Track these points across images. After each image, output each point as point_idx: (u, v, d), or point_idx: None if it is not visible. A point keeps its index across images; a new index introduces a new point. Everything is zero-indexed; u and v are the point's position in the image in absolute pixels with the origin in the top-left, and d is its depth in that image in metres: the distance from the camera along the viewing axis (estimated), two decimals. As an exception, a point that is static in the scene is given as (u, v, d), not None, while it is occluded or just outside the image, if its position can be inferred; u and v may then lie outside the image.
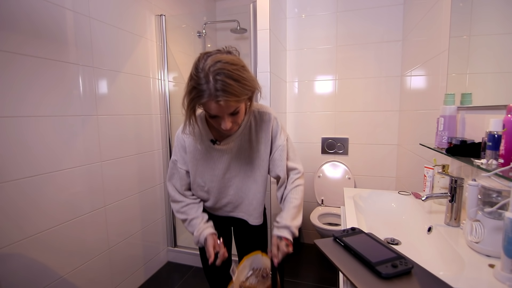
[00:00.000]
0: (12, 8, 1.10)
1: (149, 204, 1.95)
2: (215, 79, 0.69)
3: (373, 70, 2.13)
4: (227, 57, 0.73)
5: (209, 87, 0.70)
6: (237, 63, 0.73)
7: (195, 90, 0.72)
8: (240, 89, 0.72)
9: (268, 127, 0.95)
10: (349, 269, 0.64)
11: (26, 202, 1.17)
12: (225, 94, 0.70)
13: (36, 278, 1.21)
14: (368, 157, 2.22)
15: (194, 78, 0.72)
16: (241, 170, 0.99)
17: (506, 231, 0.59)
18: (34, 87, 1.19)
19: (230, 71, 0.70)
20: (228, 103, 0.72)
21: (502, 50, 0.93)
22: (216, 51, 0.77)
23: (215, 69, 0.70)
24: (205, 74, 0.70)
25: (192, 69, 0.74)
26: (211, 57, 0.73)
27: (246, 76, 0.74)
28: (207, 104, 0.73)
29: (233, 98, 0.72)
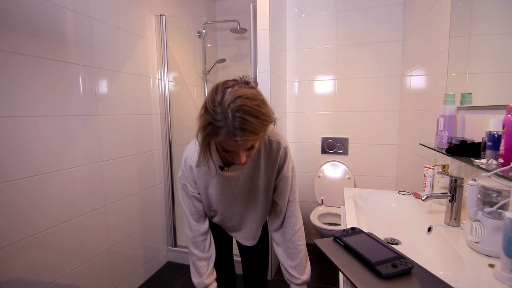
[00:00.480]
0: (11, 8, 1.10)
1: (149, 204, 1.95)
2: (234, 116, 0.64)
3: (373, 70, 2.13)
4: (247, 92, 0.67)
5: (227, 124, 0.64)
6: (257, 97, 0.68)
7: (211, 126, 0.66)
8: (259, 126, 0.67)
9: (277, 155, 0.92)
10: (349, 269, 0.64)
11: (26, 202, 1.17)
12: (244, 132, 0.65)
13: (36, 278, 1.21)
14: (368, 157, 2.22)
15: (211, 112, 0.65)
16: (247, 197, 0.97)
17: (506, 231, 0.59)
18: (34, 87, 1.19)
19: (251, 107, 0.65)
20: (246, 141, 0.67)
21: (502, 50, 0.93)
22: (233, 81, 0.73)
23: (235, 106, 0.64)
24: (223, 109, 0.64)
25: (208, 101, 0.68)
26: (230, 90, 0.67)
27: (265, 111, 0.69)
28: (224, 142, 0.69)
29: (252, 136, 0.67)
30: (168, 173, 2.10)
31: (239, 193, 0.95)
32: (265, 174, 0.93)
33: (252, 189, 0.95)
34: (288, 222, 1.01)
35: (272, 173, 0.94)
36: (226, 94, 0.66)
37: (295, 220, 1.01)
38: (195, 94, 2.50)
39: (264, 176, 0.94)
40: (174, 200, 2.15)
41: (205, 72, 2.59)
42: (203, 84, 2.61)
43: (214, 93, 0.68)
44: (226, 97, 0.65)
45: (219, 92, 0.67)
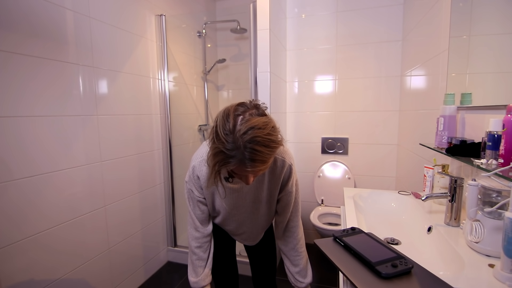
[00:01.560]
0: (11, 8, 1.10)
1: (149, 204, 1.95)
2: (245, 147, 0.65)
3: (373, 70, 2.13)
4: (258, 122, 0.67)
5: (238, 154, 0.66)
6: (267, 126, 0.69)
7: (223, 154, 0.67)
8: (269, 154, 0.69)
9: (281, 172, 0.93)
10: (349, 269, 0.64)
11: (26, 202, 1.17)
12: (255, 162, 0.67)
13: (36, 278, 1.21)
14: (368, 157, 2.22)
15: (222, 141, 0.66)
16: (248, 208, 0.99)
17: (506, 231, 0.59)
18: (34, 87, 1.19)
19: (262, 137, 0.66)
20: (257, 170, 0.70)
21: (502, 50, 0.93)
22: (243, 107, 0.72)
23: (247, 137, 0.65)
24: (234, 139, 0.66)
25: (219, 128, 0.68)
26: (242, 119, 0.67)
27: (274, 138, 0.70)
28: (235, 169, 0.71)
29: (262, 166, 0.69)
30: (168, 173, 2.10)
31: (241, 203, 0.97)
32: (268, 188, 0.95)
33: (254, 200, 0.97)
34: (292, 232, 1.05)
35: (275, 187, 0.96)
36: (238, 123, 0.67)
37: (298, 230, 1.06)
38: (195, 94, 2.50)
39: (267, 189, 0.96)
40: (174, 200, 2.15)
41: (205, 72, 2.59)
42: (203, 84, 2.61)
43: (225, 120, 0.68)
44: (238, 127, 0.66)
45: (231, 120, 0.67)
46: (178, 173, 2.19)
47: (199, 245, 1.01)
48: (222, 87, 2.88)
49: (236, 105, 0.73)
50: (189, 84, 2.41)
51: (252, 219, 1.03)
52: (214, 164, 0.71)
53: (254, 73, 1.77)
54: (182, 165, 2.28)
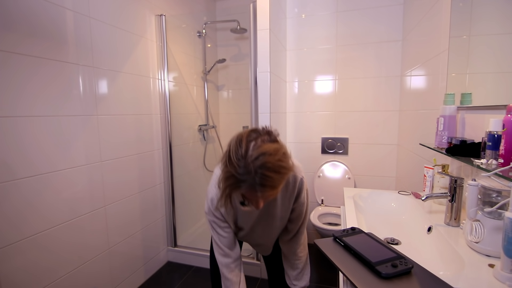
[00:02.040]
0: (10, 8, 1.10)
1: (149, 204, 1.95)
2: (256, 172, 0.67)
3: (373, 70, 2.13)
4: (270, 148, 0.70)
5: (249, 179, 0.68)
6: (279, 152, 0.71)
7: (234, 178, 0.70)
8: (279, 180, 0.71)
9: (294, 187, 0.95)
10: (349, 269, 0.64)
11: (26, 203, 1.17)
12: (265, 188, 0.69)
13: (36, 278, 1.21)
14: (368, 157, 2.22)
15: (234, 166, 0.69)
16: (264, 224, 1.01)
17: (506, 231, 0.59)
18: (34, 87, 1.19)
19: (273, 163, 0.68)
20: (267, 195, 0.72)
21: (502, 50, 0.93)
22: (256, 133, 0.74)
23: (258, 163, 0.67)
24: (246, 164, 0.68)
25: (232, 153, 0.70)
26: (254, 145, 0.70)
27: (285, 164, 0.72)
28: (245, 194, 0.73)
29: (272, 191, 0.71)
30: (168, 173, 2.10)
31: (256, 222, 0.99)
32: (282, 204, 0.97)
33: (268, 217, 0.99)
34: (298, 238, 1.06)
35: (289, 203, 0.98)
36: (250, 149, 0.69)
37: (302, 236, 1.07)
38: (195, 94, 2.50)
39: (281, 206, 0.97)
40: (174, 200, 2.15)
41: (205, 72, 2.59)
42: (203, 84, 2.61)
43: (238, 145, 0.71)
44: (249, 153, 0.69)
45: (243, 146, 0.70)
46: (178, 173, 2.19)
47: (230, 270, 1.00)
48: (222, 87, 2.88)
49: (249, 131, 0.75)
50: (189, 84, 2.41)
51: (267, 234, 1.05)
52: (225, 188, 0.73)
53: (254, 73, 1.77)
54: (182, 165, 2.28)
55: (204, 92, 2.62)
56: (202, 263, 2.10)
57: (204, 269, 2.07)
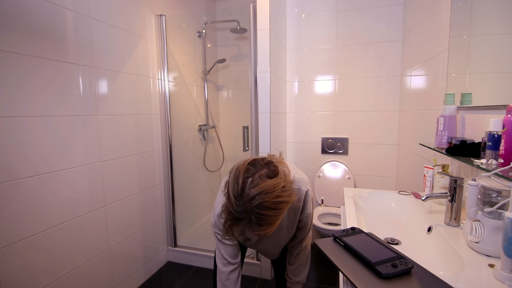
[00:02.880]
0: (10, 8, 1.10)
1: (149, 204, 1.95)
2: (253, 212, 0.69)
3: (373, 70, 2.13)
4: (267, 185, 0.69)
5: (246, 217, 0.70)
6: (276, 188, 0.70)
7: (232, 215, 0.72)
8: (276, 216, 0.71)
9: (299, 201, 0.95)
10: (349, 269, 0.64)
11: (25, 203, 1.17)
12: (262, 226, 0.71)
13: (36, 278, 1.21)
14: (368, 157, 2.22)
15: (231, 202, 0.71)
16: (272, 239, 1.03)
17: (506, 231, 0.59)
18: (33, 87, 1.19)
19: (270, 202, 0.69)
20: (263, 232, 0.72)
21: (502, 50, 0.93)
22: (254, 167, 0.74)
23: (255, 204, 0.68)
24: (243, 203, 0.69)
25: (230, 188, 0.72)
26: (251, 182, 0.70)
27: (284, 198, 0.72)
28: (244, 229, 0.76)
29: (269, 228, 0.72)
30: (168, 173, 2.10)
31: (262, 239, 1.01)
32: (288, 218, 0.97)
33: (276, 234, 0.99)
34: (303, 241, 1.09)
35: (295, 215, 0.98)
36: (246, 188, 0.69)
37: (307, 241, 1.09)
38: (195, 94, 2.50)
39: (287, 219, 0.98)
40: (174, 200, 2.15)
41: (205, 72, 2.59)
42: (203, 84, 2.61)
43: (235, 181, 0.71)
44: (246, 191, 0.69)
45: (240, 183, 0.70)
46: (178, 173, 2.19)
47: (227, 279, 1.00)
48: (222, 87, 2.88)
49: (248, 164, 0.75)
50: (189, 84, 2.41)
51: (274, 244, 1.07)
52: (226, 221, 0.75)
53: (254, 73, 1.77)
54: (182, 165, 2.28)
55: (204, 92, 2.62)
56: (202, 263, 2.10)
57: (204, 269, 2.07)
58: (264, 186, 0.69)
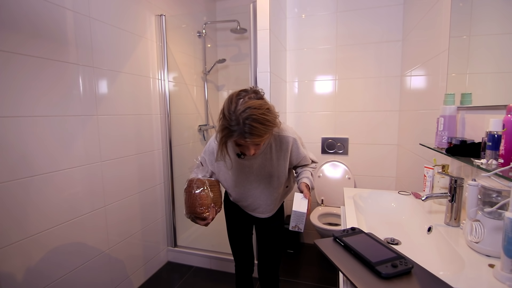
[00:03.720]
0: (11, 8, 1.10)
1: (149, 204, 1.95)
2: (244, 123, 0.83)
3: (373, 70, 2.13)
4: (255, 103, 0.86)
5: (239, 129, 0.84)
6: (262, 107, 0.87)
7: (227, 129, 0.86)
8: (263, 130, 0.86)
9: (287, 147, 1.10)
10: (349, 269, 0.64)
11: (26, 202, 1.17)
12: (252, 135, 0.85)
13: (36, 278, 1.21)
14: (368, 157, 2.22)
15: (227, 119, 0.86)
16: (261, 183, 1.14)
17: (506, 231, 0.59)
18: (34, 87, 1.19)
19: (257, 116, 0.84)
20: (254, 142, 0.87)
21: (502, 50, 0.93)
22: (245, 92, 0.91)
23: (245, 116, 0.83)
24: (236, 117, 0.84)
25: (225, 109, 0.87)
26: (241, 101, 0.86)
27: (269, 118, 0.88)
28: (237, 140, 0.89)
29: (258, 139, 0.87)
30: (168, 173, 2.10)
31: (253, 179, 1.13)
32: (278, 164, 1.11)
33: (265, 175, 1.13)
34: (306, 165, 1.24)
35: (284, 161, 1.12)
36: (239, 105, 0.86)
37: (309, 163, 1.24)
38: (195, 94, 2.50)
39: (276, 166, 1.12)
40: (174, 200, 2.15)
41: (205, 72, 2.59)
42: (203, 84, 2.61)
43: (229, 103, 0.88)
44: (238, 107, 0.85)
45: (233, 103, 0.87)
46: (178, 173, 2.19)
47: None
48: (222, 87, 2.88)
49: (239, 91, 0.92)
50: (189, 84, 2.41)
51: (266, 193, 1.17)
52: (221, 138, 0.90)
53: (254, 73, 1.77)
54: (182, 165, 2.28)
55: (204, 92, 2.62)
56: (202, 263, 2.10)
57: (204, 269, 2.07)
58: (252, 103, 0.85)
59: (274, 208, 1.24)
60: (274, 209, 1.25)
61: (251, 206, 1.21)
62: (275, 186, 1.16)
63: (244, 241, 1.33)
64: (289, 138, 1.09)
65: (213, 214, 1.12)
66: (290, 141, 1.09)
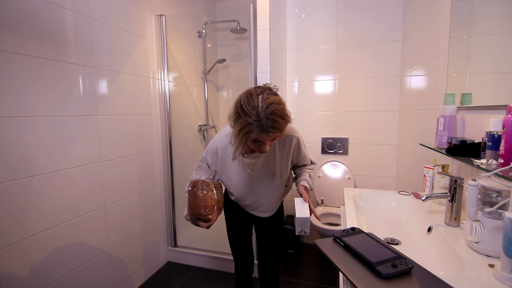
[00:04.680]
0: (11, 8, 1.10)
1: (149, 204, 1.95)
2: (267, 118, 0.85)
3: (373, 70, 2.13)
4: (275, 99, 0.88)
5: (262, 124, 0.86)
6: (282, 102, 0.90)
7: (250, 125, 0.87)
8: (284, 124, 0.90)
9: (290, 146, 1.12)
10: (349, 269, 0.64)
11: (26, 202, 1.17)
12: (274, 130, 0.87)
13: (36, 278, 1.21)
14: (368, 157, 2.22)
15: (249, 115, 0.86)
16: (264, 181, 1.15)
17: (506, 231, 0.59)
18: (34, 87, 1.19)
19: (280, 111, 0.87)
20: (276, 136, 0.89)
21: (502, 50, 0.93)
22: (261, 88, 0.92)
23: (270, 111, 0.85)
24: (258, 113, 0.86)
25: (245, 105, 0.87)
26: (262, 97, 0.88)
27: (287, 112, 0.91)
28: (258, 137, 0.89)
29: (279, 132, 0.89)
30: (168, 173, 2.10)
31: (256, 177, 1.14)
32: (281, 163, 1.14)
33: (268, 174, 1.14)
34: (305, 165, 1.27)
35: (287, 160, 1.15)
36: (260, 101, 0.87)
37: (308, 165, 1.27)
38: (195, 94, 2.50)
39: (280, 164, 1.14)
40: (174, 200, 2.15)
41: (205, 72, 2.59)
42: (203, 84, 2.61)
43: (249, 99, 0.88)
44: (260, 103, 0.86)
45: (254, 99, 0.88)
46: (178, 173, 2.19)
47: None
48: (222, 87, 2.88)
49: (255, 87, 0.93)
50: (189, 84, 2.41)
51: (268, 192, 1.18)
52: (242, 136, 0.90)
53: (254, 73, 1.77)
54: (182, 165, 2.28)
55: (204, 92, 2.62)
56: (202, 263, 2.10)
57: (204, 269, 2.07)
58: (273, 98, 0.88)
59: (274, 208, 1.25)
60: (274, 209, 1.25)
61: (252, 205, 1.21)
62: (278, 185, 1.18)
63: (244, 241, 1.33)
64: (292, 137, 1.11)
65: (216, 216, 1.11)
66: (293, 140, 1.12)
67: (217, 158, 1.12)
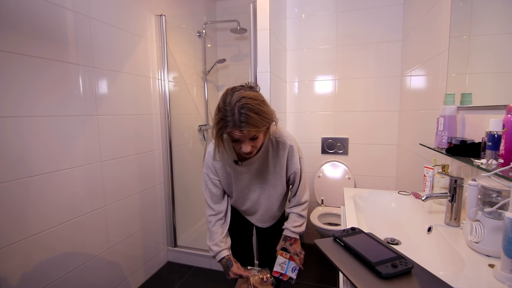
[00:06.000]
0: (11, 8, 1.10)
1: (149, 204, 1.95)
2: (239, 112, 0.82)
3: (373, 70, 2.13)
4: (250, 93, 0.86)
5: (234, 118, 0.83)
6: (258, 98, 0.87)
7: (223, 121, 0.84)
8: (259, 121, 0.85)
9: (284, 153, 1.08)
10: (349, 269, 0.64)
11: (27, 202, 1.17)
12: (247, 125, 0.83)
13: (36, 278, 1.21)
14: (368, 157, 2.22)
15: (222, 111, 0.85)
16: (258, 187, 1.13)
17: (506, 231, 0.59)
18: (34, 87, 1.19)
19: (252, 105, 0.83)
20: (249, 132, 0.85)
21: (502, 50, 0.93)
22: (240, 86, 0.91)
23: (240, 104, 0.82)
24: (231, 107, 0.83)
25: (220, 102, 0.87)
26: (237, 93, 0.86)
27: (265, 109, 0.87)
28: (232, 132, 0.86)
29: (253, 128, 0.84)
30: (168, 173, 2.10)
31: (250, 184, 1.12)
32: (274, 171, 1.10)
33: (262, 182, 1.12)
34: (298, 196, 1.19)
35: (281, 169, 1.10)
36: (234, 96, 0.85)
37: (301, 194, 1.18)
38: (195, 94, 2.50)
39: (273, 173, 1.10)
40: (174, 200, 2.15)
41: (205, 72, 2.59)
42: (203, 84, 2.61)
43: (225, 96, 0.87)
44: (233, 98, 0.84)
45: (229, 95, 0.86)
46: (178, 173, 2.19)
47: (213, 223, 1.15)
48: (222, 87, 2.88)
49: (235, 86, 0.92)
50: (189, 84, 2.41)
51: (263, 200, 1.16)
52: (217, 131, 0.87)
53: (254, 73, 1.77)
54: (182, 165, 2.28)
55: (204, 92, 2.62)
56: (202, 263, 2.10)
57: (204, 269, 2.07)
58: (248, 93, 0.85)
59: (272, 219, 1.24)
60: (272, 220, 1.24)
61: (248, 211, 1.21)
62: (270, 195, 1.14)
63: (244, 242, 1.32)
64: (286, 143, 1.07)
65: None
66: (287, 147, 1.07)
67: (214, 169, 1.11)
